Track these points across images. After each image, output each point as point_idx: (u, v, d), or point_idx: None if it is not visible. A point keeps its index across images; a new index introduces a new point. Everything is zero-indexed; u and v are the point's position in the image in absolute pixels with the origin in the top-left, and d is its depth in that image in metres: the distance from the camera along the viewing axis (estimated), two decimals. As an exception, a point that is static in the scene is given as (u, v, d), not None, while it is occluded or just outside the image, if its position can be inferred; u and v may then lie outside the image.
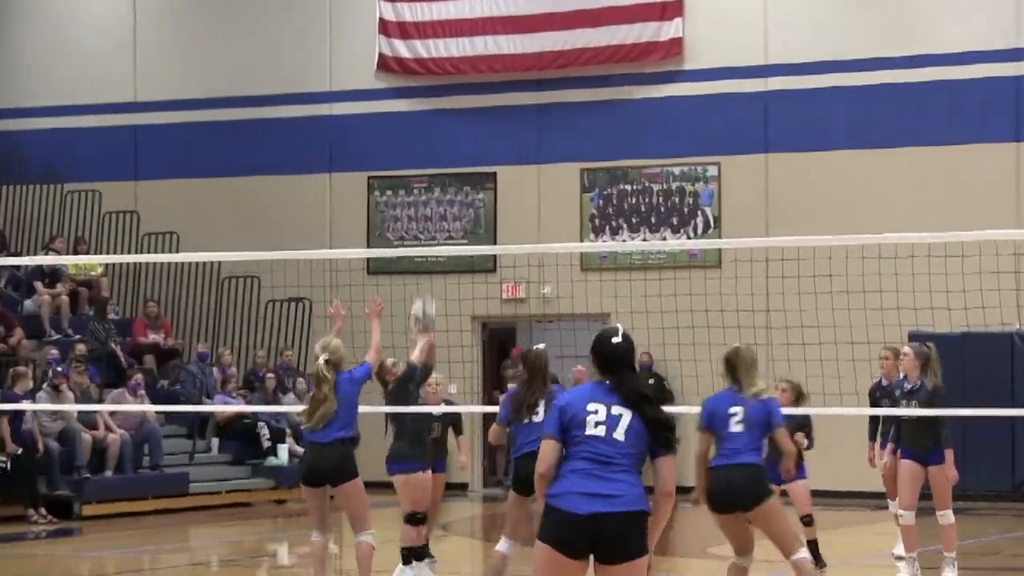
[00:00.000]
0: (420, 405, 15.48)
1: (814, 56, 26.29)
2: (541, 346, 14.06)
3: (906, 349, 16.38)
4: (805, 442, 15.86)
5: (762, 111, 26.47)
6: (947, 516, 15.85)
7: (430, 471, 15.63)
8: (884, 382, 17.21)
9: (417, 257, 27.07)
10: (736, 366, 12.21)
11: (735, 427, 12.04)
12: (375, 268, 27.60)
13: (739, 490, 11.96)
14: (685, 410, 21.39)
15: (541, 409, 13.31)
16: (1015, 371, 24.21)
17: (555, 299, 26.83)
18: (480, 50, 27.88)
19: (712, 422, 12.14)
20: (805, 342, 21.51)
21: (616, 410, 8.34)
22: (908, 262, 20.43)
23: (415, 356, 14.96)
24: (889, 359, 17.25)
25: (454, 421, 17.19)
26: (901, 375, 16.11)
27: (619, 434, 8.28)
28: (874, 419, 17.24)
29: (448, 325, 26.74)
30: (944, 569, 15.57)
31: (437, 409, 16.29)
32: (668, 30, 26.89)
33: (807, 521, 16.00)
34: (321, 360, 13.21)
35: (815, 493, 16.10)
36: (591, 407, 8.35)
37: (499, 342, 29.01)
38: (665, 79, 27.13)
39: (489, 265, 27.36)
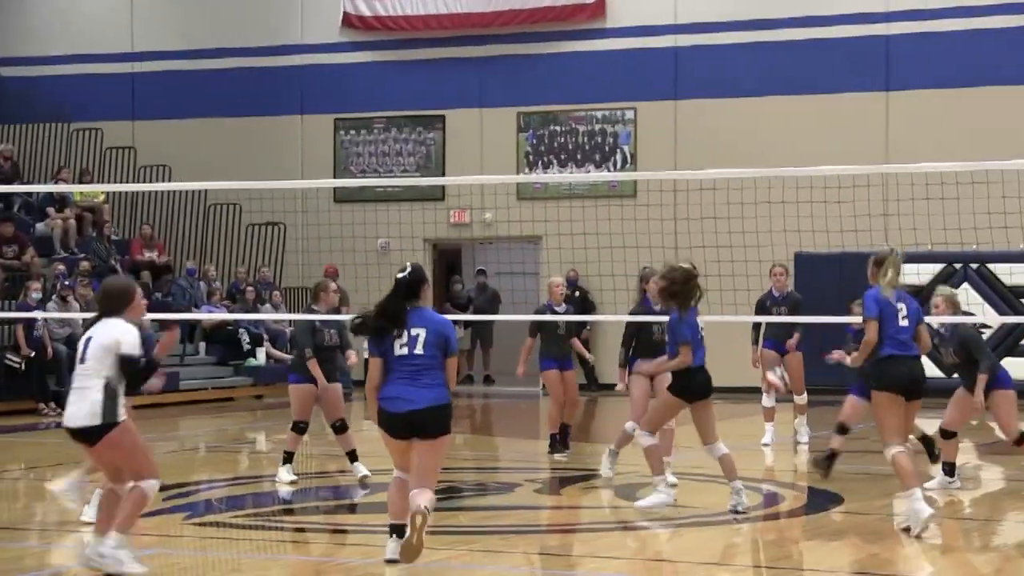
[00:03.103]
0: None
1: (718, 16, 26.47)
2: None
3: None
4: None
5: (672, 63, 26.68)
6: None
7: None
8: (776, 293, 17.60)
9: (377, 187, 27.26)
10: None
11: None
12: (341, 197, 27.79)
13: None
14: (603, 318, 22.15)
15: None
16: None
17: (495, 224, 27.32)
18: (431, 9, 28.00)
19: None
20: (707, 260, 21.55)
21: (415, 331, 9.07)
22: (794, 192, 20.61)
23: None
24: (781, 274, 17.63)
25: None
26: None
27: (418, 349, 9.01)
28: (756, 327, 17.37)
29: (403, 246, 27.17)
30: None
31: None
32: (593, -6, 27.17)
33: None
34: None
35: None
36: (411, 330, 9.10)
37: (447, 260, 29.34)
38: (591, 35, 27.39)
39: (438, 195, 27.61)
